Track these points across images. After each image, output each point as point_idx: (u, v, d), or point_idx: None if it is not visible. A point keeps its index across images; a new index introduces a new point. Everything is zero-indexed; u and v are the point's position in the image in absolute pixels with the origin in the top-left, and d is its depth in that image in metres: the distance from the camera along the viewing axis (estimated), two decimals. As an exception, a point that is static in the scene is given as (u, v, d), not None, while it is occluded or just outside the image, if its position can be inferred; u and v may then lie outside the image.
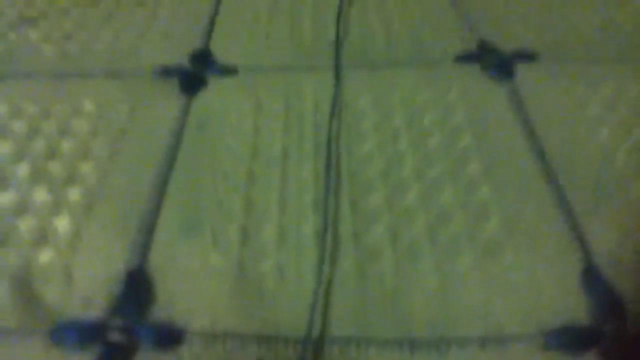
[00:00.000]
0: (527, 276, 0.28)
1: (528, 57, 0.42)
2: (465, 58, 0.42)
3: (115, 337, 0.25)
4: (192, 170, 0.33)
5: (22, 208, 0.31)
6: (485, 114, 0.38)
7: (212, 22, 0.46)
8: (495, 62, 0.41)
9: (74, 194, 0.32)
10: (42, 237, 0.29)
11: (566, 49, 0.43)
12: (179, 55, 0.42)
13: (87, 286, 0.27)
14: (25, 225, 0.30)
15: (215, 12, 0.47)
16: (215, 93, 0.39)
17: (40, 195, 0.32)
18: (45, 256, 0.28)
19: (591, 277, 0.28)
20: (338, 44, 0.43)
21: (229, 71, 0.41)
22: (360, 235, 0.30)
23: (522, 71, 0.40)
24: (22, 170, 0.33)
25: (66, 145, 0.35)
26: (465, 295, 0.28)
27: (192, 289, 0.27)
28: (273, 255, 0.29)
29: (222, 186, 0.32)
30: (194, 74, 0.40)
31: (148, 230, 0.30)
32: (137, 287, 0.27)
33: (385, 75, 0.41)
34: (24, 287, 0.27)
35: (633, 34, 0.45)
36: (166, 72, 0.40)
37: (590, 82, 0.39)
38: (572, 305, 0.27)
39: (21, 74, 0.41)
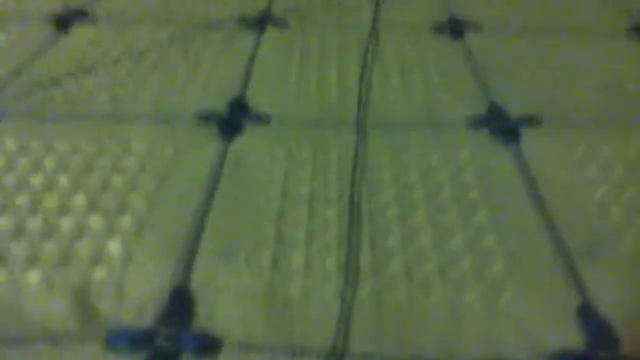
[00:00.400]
0: (527, 310, 0.32)
1: (533, 122, 0.45)
2: (475, 123, 0.46)
3: (162, 343, 0.28)
4: (229, 203, 0.37)
5: (79, 232, 0.35)
6: (492, 172, 0.41)
7: (247, 75, 0.51)
8: (503, 127, 0.45)
9: (125, 221, 0.36)
10: (98, 258, 0.33)
11: (569, 113, 0.47)
12: (218, 103, 0.47)
13: (137, 300, 0.31)
14: (83, 247, 0.34)
15: (251, 66, 0.52)
16: (251, 139, 0.43)
17: (95, 222, 0.36)
18: (100, 274, 0.32)
19: (586, 310, 0.31)
20: (361, 103, 0.48)
21: (262, 120, 0.45)
22: (378, 268, 0.34)
23: (528, 135, 0.44)
24: (79, 200, 0.37)
25: (118, 180, 0.39)
26: (471, 324, 0.31)
27: (228, 305, 0.31)
28: (300, 280, 0.32)
29: (255, 219, 0.36)
30: (232, 121, 0.45)
31: (190, 253, 0.33)
32: (181, 301, 0.31)
33: (403, 134, 0.45)
34: (83, 299, 0.31)
35: (635, 94, 0.49)
36: (207, 118, 0.45)
37: (590, 145, 0.43)
38: (568, 335, 0.30)
39: (78, 117, 0.45)
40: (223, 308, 0.31)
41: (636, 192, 0.39)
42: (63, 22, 0.59)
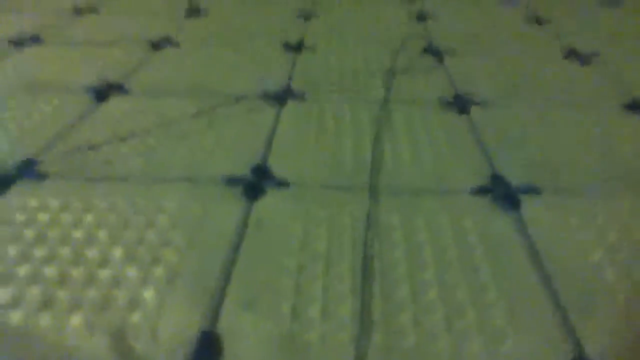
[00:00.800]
0: (526, 358, 0.34)
1: (533, 191, 0.49)
2: (479, 190, 0.49)
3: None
4: (252, 258, 0.41)
5: (117, 281, 0.39)
6: (494, 235, 0.45)
7: (269, 143, 0.55)
8: (504, 195, 0.49)
9: (159, 272, 0.39)
10: (134, 304, 0.37)
11: (567, 182, 0.50)
12: (242, 168, 0.51)
13: (169, 342, 0.34)
14: (121, 295, 0.37)
15: (272, 135, 0.57)
16: (272, 200, 0.47)
17: (132, 272, 0.39)
18: (136, 318, 0.36)
19: (581, 360, 0.34)
20: (374, 169, 0.52)
21: (283, 184, 0.49)
22: (389, 319, 0.37)
23: (527, 202, 0.48)
24: (117, 253, 0.41)
25: (151, 235, 0.43)
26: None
27: (251, 349, 0.34)
28: (317, 327, 0.35)
29: (276, 272, 0.40)
30: (255, 184, 0.49)
31: (217, 302, 0.37)
32: (209, 344, 0.34)
33: (412, 199, 0.48)
34: (120, 341, 0.34)
35: (631, 161, 0.53)
36: (233, 181, 0.49)
37: (586, 212, 0.47)
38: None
39: (115, 179, 0.50)
40: (247, 351, 0.34)
41: (628, 255, 0.42)
42: (101, 94, 0.65)
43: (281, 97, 0.65)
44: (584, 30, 0.90)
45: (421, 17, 0.96)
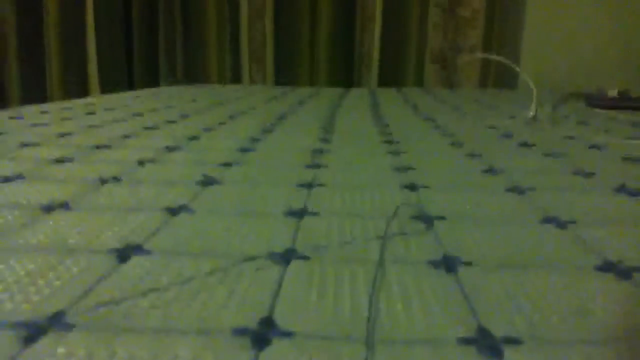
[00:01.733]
0: None
1: (514, 342, 0.54)
2: (465, 341, 0.54)
3: None
4: (260, 402, 0.45)
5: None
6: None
7: (275, 298, 0.61)
8: (489, 346, 0.54)
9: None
10: None
11: (544, 334, 0.55)
12: (250, 320, 0.56)
13: None
14: None
15: (278, 291, 0.63)
16: (278, 350, 0.52)
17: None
18: None
19: None
20: (369, 322, 0.57)
21: (287, 335, 0.54)
22: None
23: (509, 352, 0.52)
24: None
25: (167, 381, 0.47)
26: None
27: None
28: None
29: (281, 415, 0.44)
30: (262, 335, 0.54)
31: None
32: None
33: (405, 349, 0.53)
34: None
35: (600, 315, 0.58)
36: (241, 331, 0.54)
37: (560, 360, 0.52)
38: None
39: (135, 330, 0.55)
40: None
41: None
42: (123, 255, 0.72)
43: (286, 258, 0.72)
44: (560, 199, 1.00)
45: (413, 187, 1.06)
